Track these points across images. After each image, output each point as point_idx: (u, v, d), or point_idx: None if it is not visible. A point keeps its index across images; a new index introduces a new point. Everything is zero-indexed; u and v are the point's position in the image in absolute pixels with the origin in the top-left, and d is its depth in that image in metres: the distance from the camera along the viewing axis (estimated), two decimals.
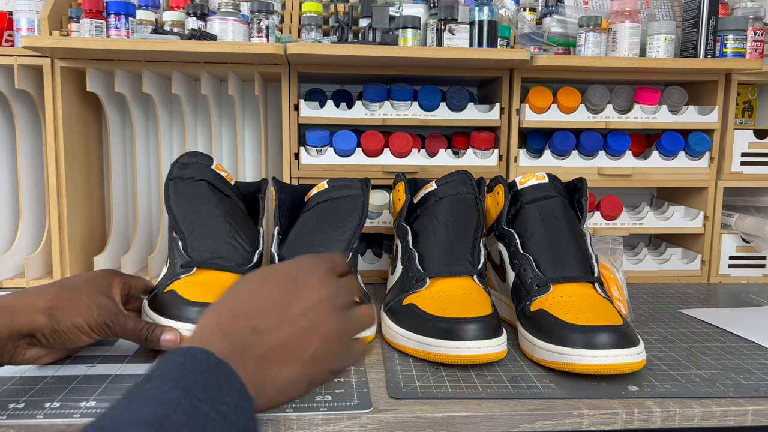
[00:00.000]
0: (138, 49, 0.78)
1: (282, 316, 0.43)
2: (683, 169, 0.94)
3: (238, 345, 0.40)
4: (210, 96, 0.91)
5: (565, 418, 0.49)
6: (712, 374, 0.57)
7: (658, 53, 0.90)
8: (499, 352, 0.57)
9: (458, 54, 0.81)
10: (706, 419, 0.50)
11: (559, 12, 0.97)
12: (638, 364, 0.55)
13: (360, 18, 0.92)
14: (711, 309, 0.80)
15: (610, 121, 0.92)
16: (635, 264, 0.96)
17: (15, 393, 0.51)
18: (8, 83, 0.87)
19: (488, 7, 0.85)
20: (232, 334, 0.41)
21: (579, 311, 0.58)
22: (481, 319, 0.57)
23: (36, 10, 0.89)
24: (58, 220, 0.88)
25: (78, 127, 0.91)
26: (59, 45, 0.77)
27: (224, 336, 0.41)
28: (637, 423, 0.49)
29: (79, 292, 0.55)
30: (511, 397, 0.52)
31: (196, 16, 0.86)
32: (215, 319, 0.43)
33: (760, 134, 0.96)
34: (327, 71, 0.92)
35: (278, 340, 0.42)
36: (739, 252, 0.97)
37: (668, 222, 0.96)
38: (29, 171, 0.92)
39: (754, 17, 0.94)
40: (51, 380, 0.54)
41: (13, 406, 0.49)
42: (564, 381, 0.55)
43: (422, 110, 0.91)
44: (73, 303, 0.54)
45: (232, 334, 0.41)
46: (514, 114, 0.92)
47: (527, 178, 0.73)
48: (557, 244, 0.67)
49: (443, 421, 0.48)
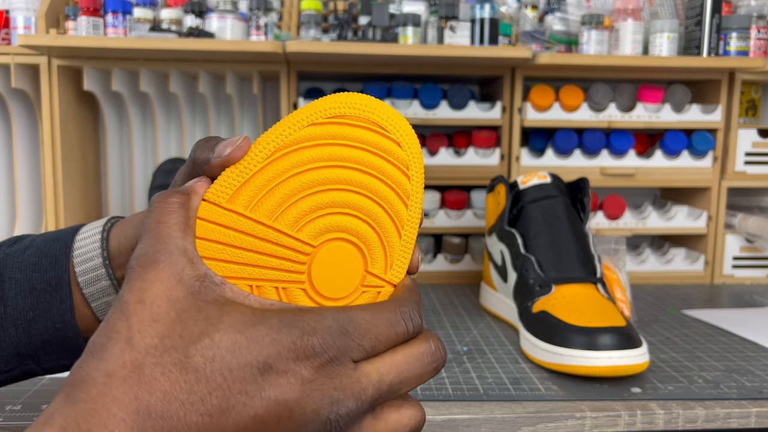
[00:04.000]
0: (135, 47, 0.77)
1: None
2: (686, 168, 0.94)
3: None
4: (208, 95, 0.90)
5: (567, 420, 0.48)
6: (716, 376, 0.56)
7: (661, 51, 0.89)
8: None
9: (459, 52, 0.81)
10: (710, 421, 0.50)
11: (561, 10, 0.96)
12: (641, 366, 0.54)
13: (359, 15, 0.92)
14: (714, 310, 0.80)
15: (613, 119, 0.92)
16: (638, 264, 0.95)
17: (12, 395, 0.51)
18: (5, 82, 0.87)
19: (489, 5, 0.84)
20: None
21: (581, 312, 0.57)
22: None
23: (33, 8, 0.88)
24: (54, 219, 0.87)
25: (75, 126, 0.91)
26: (56, 43, 0.76)
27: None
28: (639, 425, 0.49)
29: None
30: (512, 399, 0.51)
31: (194, 13, 0.85)
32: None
33: (763, 133, 0.95)
34: (326, 69, 0.91)
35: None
36: (742, 252, 0.96)
37: (671, 222, 0.95)
38: (26, 170, 0.92)
39: (758, 15, 0.93)
40: (48, 382, 0.53)
41: (9, 408, 0.48)
42: (566, 383, 0.54)
43: (423, 109, 0.90)
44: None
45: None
46: (515, 113, 0.91)
47: (529, 178, 0.73)
48: (559, 244, 0.66)
49: (444, 424, 0.48)
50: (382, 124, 0.30)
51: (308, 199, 0.29)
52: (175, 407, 0.24)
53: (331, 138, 0.29)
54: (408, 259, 0.32)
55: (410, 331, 0.29)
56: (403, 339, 0.29)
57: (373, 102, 0.30)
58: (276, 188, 0.29)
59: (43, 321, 0.36)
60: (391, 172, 0.30)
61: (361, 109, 0.30)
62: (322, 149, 0.29)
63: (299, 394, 0.25)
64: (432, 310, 0.78)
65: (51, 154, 0.86)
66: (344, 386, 0.26)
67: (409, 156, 0.31)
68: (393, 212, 0.31)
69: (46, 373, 0.38)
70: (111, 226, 0.38)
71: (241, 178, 0.29)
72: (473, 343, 0.65)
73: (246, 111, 1.00)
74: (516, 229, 0.70)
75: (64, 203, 0.88)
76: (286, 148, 0.29)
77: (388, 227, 0.31)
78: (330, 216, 0.30)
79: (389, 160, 0.30)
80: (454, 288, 0.89)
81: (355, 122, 0.30)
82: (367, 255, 0.30)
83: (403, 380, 0.28)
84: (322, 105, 0.30)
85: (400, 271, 0.31)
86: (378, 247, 0.31)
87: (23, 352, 0.37)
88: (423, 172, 0.32)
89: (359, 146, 0.30)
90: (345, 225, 0.30)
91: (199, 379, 0.24)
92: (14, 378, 0.38)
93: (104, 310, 0.37)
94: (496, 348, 0.64)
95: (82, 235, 0.38)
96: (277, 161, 0.29)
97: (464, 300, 0.83)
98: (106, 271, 0.37)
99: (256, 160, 0.29)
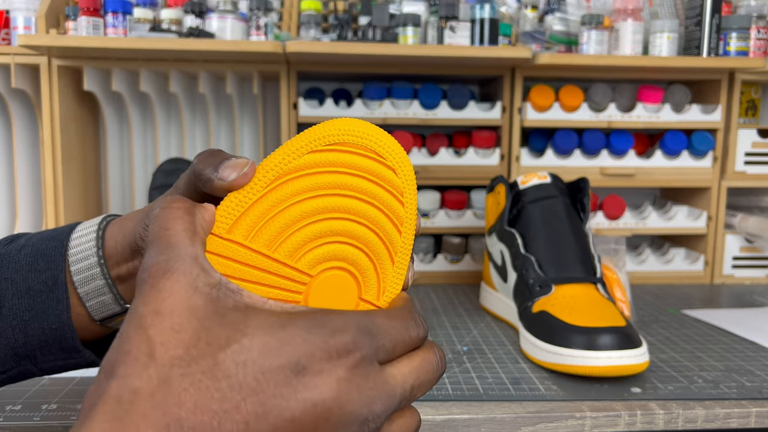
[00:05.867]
0: (135, 47, 0.77)
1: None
2: (686, 168, 0.94)
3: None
4: (208, 95, 0.90)
5: (567, 420, 0.48)
6: (716, 376, 0.56)
7: (661, 51, 0.89)
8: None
9: (459, 52, 0.81)
10: (710, 421, 0.50)
11: (561, 10, 0.96)
12: (641, 366, 0.54)
13: (359, 15, 0.92)
14: (714, 310, 0.80)
15: (613, 120, 0.92)
16: (638, 264, 0.95)
17: (12, 395, 0.51)
18: (5, 82, 0.87)
19: (489, 5, 0.84)
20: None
21: (581, 312, 0.57)
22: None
23: (33, 8, 0.88)
24: (54, 219, 0.87)
25: (75, 127, 0.91)
26: (56, 43, 0.76)
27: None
28: (639, 425, 0.49)
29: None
30: (512, 399, 0.51)
31: (194, 13, 0.85)
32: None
33: (763, 133, 0.95)
34: (326, 70, 0.91)
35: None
36: (742, 252, 0.96)
37: (671, 222, 0.95)
38: (26, 170, 0.92)
39: (758, 15, 0.93)
40: (48, 382, 0.53)
41: (9, 408, 0.48)
42: (566, 383, 0.54)
43: (423, 109, 0.90)
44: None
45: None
46: (515, 113, 0.91)
47: (529, 178, 0.73)
48: (559, 244, 0.66)
49: (444, 424, 0.48)
50: (379, 151, 0.31)
51: (307, 229, 0.30)
52: (208, 418, 0.22)
53: (329, 165, 0.30)
54: (400, 284, 0.32)
55: (421, 336, 0.29)
56: (415, 343, 0.29)
57: (371, 129, 0.31)
58: (275, 217, 0.29)
59: (40, 321, 0.36)
60: (387, 200, 0.31)
61: (359, 136, 0.30)
62: (321, 177, 0.30)
63: (336, 394, 0.24)
64: (432, 310, 0.78)
65: (51, 154, 0.86)
66: (377, 386, 0.25)
67: (404, 183, 0.31)
68: (388, 240, 0.31)
69: (43, 374, 0.38)
70: (106, 224, 0.38)
71: (241, 208, 0.29)
72: (473, 343, 0.65)
73: (246, 111, 1.00)
74: (516, 229, 0.70)
75: (64, 203, 0.88)
76: (287, 175, 0.30)
77: (383, 255, 0.31)
78: (328, 245, 0.30)
79: (386, 187, 0.31)
80: (454, 288, 0.89)
81: (352, 149, 0.30)
82: (362, 282, 0.31)
83: (420, 384, 0.28)
84: (321, 132, 0.30)
85: (391, 296, 0.32)
86: (372, 275, 0.31)
87: (20, 352, 0.36)
88: (416, 198, 0.32)
89: (357, 174, 0.30)
90: (342, 254, 0.30)
91: (232, 386, 0.23)
92: (12, 378, 0.38)
93: (99, 310, 0.37)
94: (496, 348, 0.64)
95: (77, 233, 0.37)
96: (276, 189, 0.29)
97: (464, 300, 0.83)
98: (101, 270, 0.36)
99: (257, 188, 0.29)
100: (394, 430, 0.28)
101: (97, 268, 0.36)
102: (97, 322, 0.38)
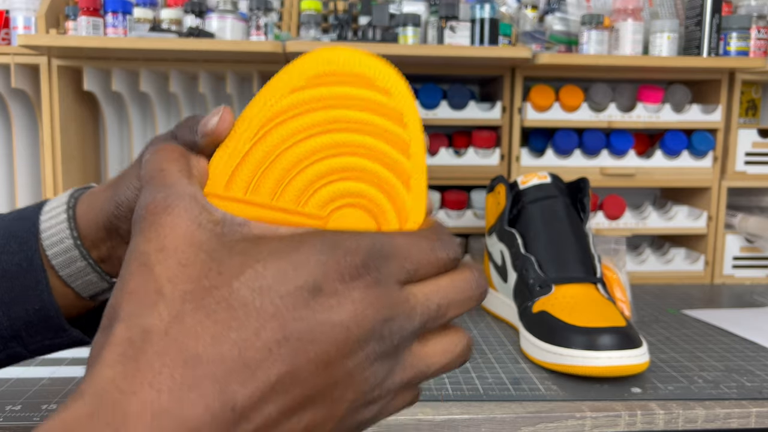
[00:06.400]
0: (135, 47, 0.77)
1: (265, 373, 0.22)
2: (687, 168, 0.94)
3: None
4: (208, 95, 0.90)
5: (567, 420, 0.48)
6: (716, 376, 0.56)
7: (661, 51, 0.89)
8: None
9: (459, 52, 0.81)
10: (710, 421, 0.50)
11: (561, 10, 0.96)
12: (641, 366, 0.54)
13: (359, 15, 0.92)
14: (714, 310, 0.80)
15: (613, 119, 0.92)
16: (638, 264, 0.95)
17: (11, 395, 0.51)
18: (5, 82, 0.87)
19: (489, 5, 0.84)
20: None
21: (581, 312, 0.57)
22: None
23: (33, 8, 0.88)
24: None
25: (75, 126, 0.91)
26: (56, 43, 0.76)
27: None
28: (640, 425, 0.49)
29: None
30: (512, 399, 0.51)
31: (194, 13, 0.85)
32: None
33: (764, 133, 0.95)
34: None
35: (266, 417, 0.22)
36: (743, 252, 0.96)
37: (671, 222, 0.95)
38: (26, 170, 0.92)
39: (758, 15, 0.93)
40: (47, 382, 0.53)
41: (9, 409, 0.48)
42: (566, 383, 0.54)
43: (423, 109, 0.90)
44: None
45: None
46: (515, 113, 0.91)
47: (529, 178, 0.73)
48: (559, 244, 0.66)
49: (444, 424, 0.48)
50: (366, 75, 0.29)
51: (307, 171, 0.28)
52: (227, 348, 0.22)
53: (314, 101, 0.28)
54: (423, 209, 0.30)
55: (450, 257, 0.27)
56: (444, 266, 0.27)
57: (353, 53, 0.29)
58: (271, 166, 0.28)
59: (22, 303, 0.35)
60: (384, 125, 0.29)
61: (340, 63, 0.28)
62: (309, 116, 0.28)
63: (353, 314, 0.23)
64: None
65: (51, 154, 0.86)
66: (393, 304, 0.25)
67: (401, 103, 0.29)
68: (395, 166, 0.29)
69: (33, 355, 0.38)
70: (75, 201, 0.37)
71: (233, 162, 0.28)
72: (473, 343, 0.65)
73: None
74: (516, 229, 0.70)
75: None
76: (272, 121, 0.28)
77: (393, 183, 0.29)
78: (332, 184, 0.28)
79: (380, 111, 0.29)
80: None
81: (335, 79, 0.28)
82: (378, 214, 0.29)
83: (450, 303, 0.27)
84: (298, 68, 0.28)
85: (416, 222, 0.29)
86: (387, 205, 0.29)
87: (5, 334, 0.36)
88: (419, 118, 0.30)
89: (345, 104, 0.28)
90: (350, 189, 0.28)
91: (249, 314, 0.22)
92: (1, 362, 0.37)
93: (86, 289, 0.37)
94: (496, 348, 0.64)
95: (47, 214, 0.36)
96: (265, 138, 0.28)
97: None
98: (80, 252, 0.36)
99: (244, 139, 0.28)
100: (429, 351, 0.27)
101: (75, 250, 0.36)
102: (86, 299, 0.37)
